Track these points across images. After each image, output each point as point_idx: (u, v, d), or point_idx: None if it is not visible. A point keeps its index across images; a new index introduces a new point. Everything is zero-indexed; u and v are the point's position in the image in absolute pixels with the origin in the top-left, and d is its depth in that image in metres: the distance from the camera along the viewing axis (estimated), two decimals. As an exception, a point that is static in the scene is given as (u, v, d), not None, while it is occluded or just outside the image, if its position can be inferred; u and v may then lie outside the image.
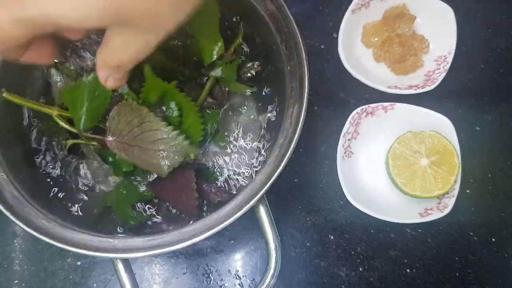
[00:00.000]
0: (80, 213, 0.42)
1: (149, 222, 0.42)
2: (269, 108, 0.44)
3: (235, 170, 0.44)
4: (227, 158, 0.44)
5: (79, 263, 0.49)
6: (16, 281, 0.49)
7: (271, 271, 0.36)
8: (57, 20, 0.20)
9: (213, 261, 0.49)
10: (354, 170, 0.51)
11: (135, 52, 0.24)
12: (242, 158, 0.44)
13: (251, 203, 0.34)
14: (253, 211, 0.36)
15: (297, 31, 0.37)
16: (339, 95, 0.55)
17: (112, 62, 0.25)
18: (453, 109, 0.53)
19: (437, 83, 0.51)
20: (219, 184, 0.43)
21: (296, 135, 0.36)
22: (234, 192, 0.42)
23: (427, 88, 0.51)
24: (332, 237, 0.50)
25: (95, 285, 0.49)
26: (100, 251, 0.34)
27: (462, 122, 0.51)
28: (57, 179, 0.43)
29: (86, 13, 0.19)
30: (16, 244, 0.50)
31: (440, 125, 0.50)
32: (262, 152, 0.44)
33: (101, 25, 0.21)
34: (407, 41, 0.54)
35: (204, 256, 0.49)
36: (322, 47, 0.56)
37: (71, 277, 0.49)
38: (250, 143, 0.44)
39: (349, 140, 0.51)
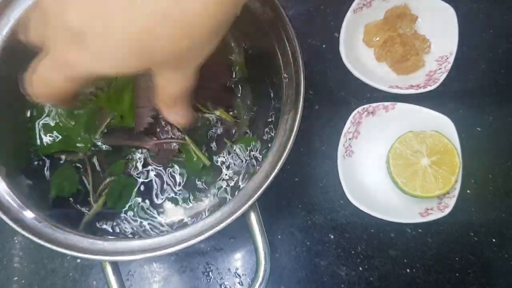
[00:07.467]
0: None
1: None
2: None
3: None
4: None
5: (78, 260, 0.49)
6: (16, 278, 0.49)
7: (260, 280, 0.35)
8: (100, 74, 0.25)
9: (213, 259, 0.49)
10: (354, 170, 0.51)
11: (180, 85, 0.28)
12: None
13: (242, 209, 0.34)
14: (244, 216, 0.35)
15: (295, 39, 0.37)
16: (340, 94, 0.55)
17: (169, 101, 0.29)
18: (454, 109, 0.53)
19: (439, 83, 0.51)
20: None
21: (290, 143, 0.35)
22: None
23: (428, 88, 0.51)
24: (332, 236, 0.50)
25: (94, 282, 0.49)
26: (88, 253, 0.34)
27: (463, 122, 0.51)
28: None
29: (121, 68, 0.25)
30: (16, 241, 0.50)
31: (441, 125, 0.49)
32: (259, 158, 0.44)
33: (135, 72, 0.26)
34: (409, 41, 0.54)
35: (204, 255, 0.49)
36: (324, 46, 0.56)
37: (70, 274, 0.49)
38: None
39: (350, 139, 0.51)
